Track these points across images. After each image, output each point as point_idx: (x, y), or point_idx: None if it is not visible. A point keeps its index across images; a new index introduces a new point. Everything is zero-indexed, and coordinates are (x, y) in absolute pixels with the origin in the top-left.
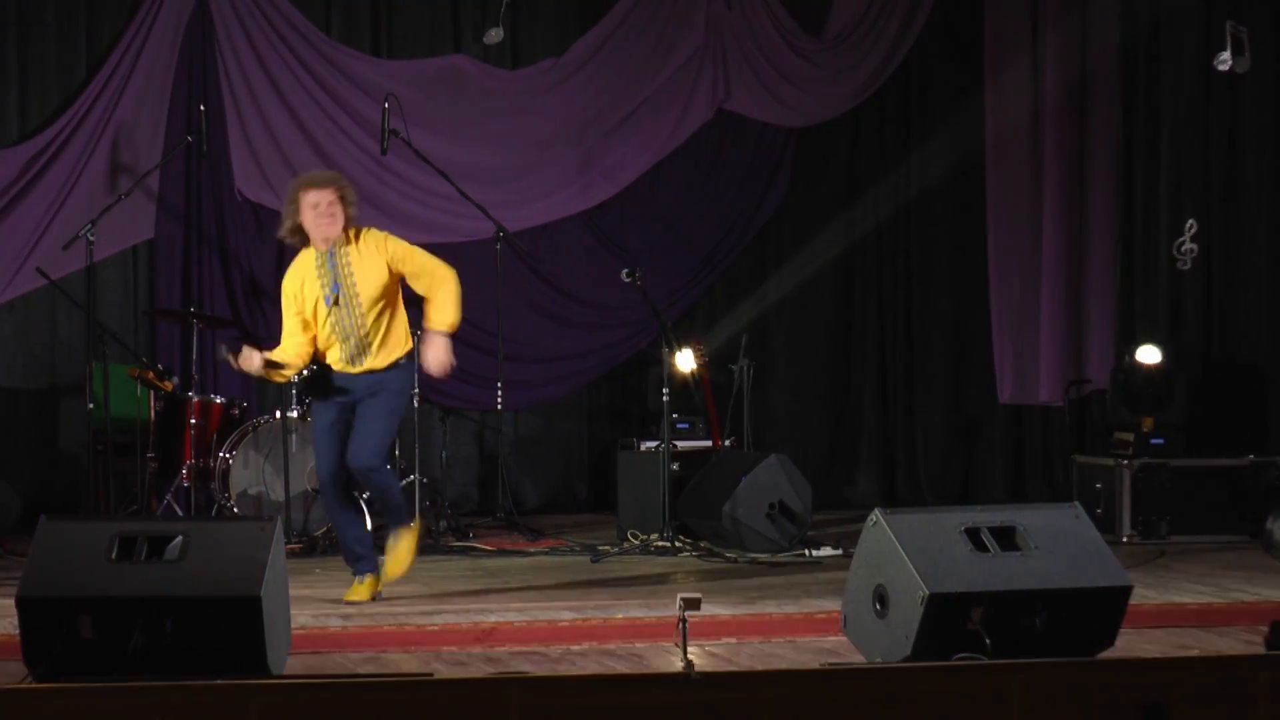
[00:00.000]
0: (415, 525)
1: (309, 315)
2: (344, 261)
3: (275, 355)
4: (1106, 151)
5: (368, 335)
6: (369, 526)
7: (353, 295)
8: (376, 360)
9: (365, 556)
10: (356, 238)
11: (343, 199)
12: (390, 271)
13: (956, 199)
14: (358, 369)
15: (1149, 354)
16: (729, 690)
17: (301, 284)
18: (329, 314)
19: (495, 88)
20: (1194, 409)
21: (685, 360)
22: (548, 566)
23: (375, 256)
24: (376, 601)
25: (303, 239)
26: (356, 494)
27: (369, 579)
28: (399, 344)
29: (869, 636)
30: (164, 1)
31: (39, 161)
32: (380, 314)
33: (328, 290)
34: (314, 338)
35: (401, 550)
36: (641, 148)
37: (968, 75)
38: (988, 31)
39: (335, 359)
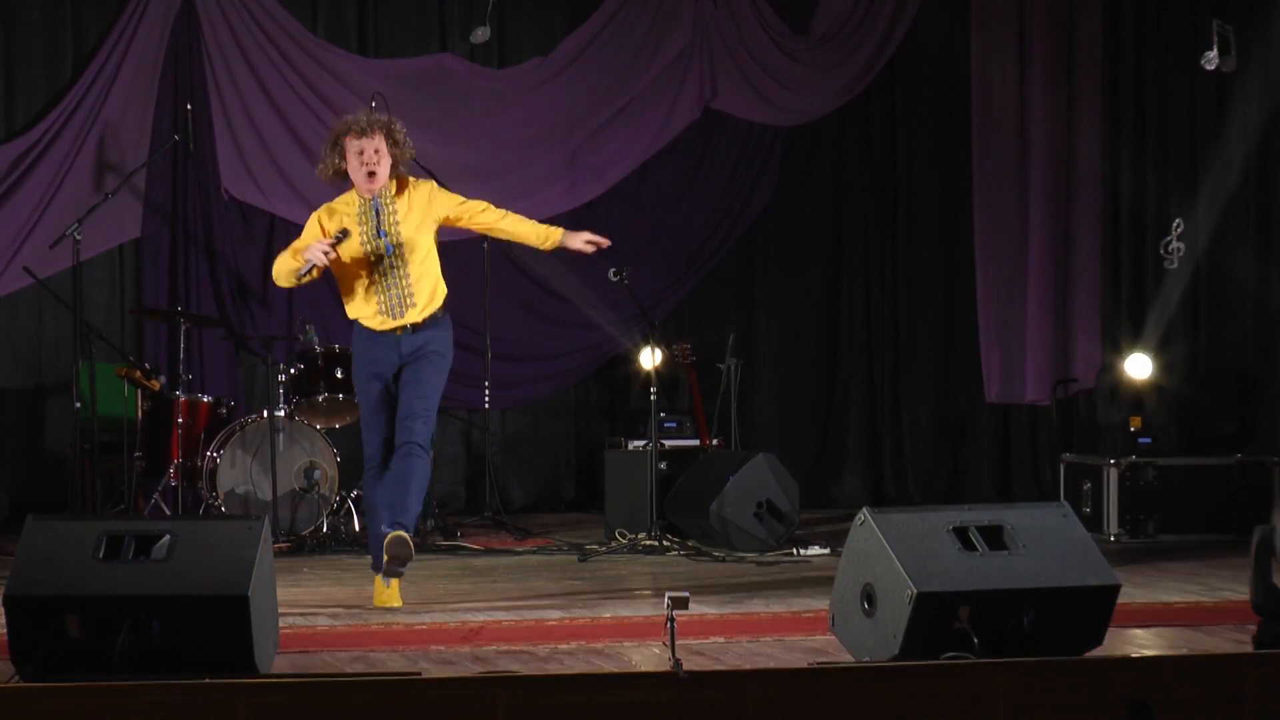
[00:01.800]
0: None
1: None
2: (389, 209)
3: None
4: (1093, 149)
5: (411, 286)
6: None
7: (398, 244)
8: (417, 313)
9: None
10: (405, 185)
11: (393, 144)
12: (436, 223)
13: (943, 198)
14: (396, 322)
15: (1139, 367)
16: (717, 689)
17: (339, 224)
18: (367, 261)
19: (482, 86)
20: (1180, 408)
21: (648, 358)
22: (535, 566)
23: (425, 207)
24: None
25: (345, 182)
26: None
27: (395, 582)
28: (438, 296)
29: (857, 635)
30: (150, 0)
31: (25, 160)
32: (424, 264)
33: (371, 238)
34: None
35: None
36: (628, 147)
37: (954, 74)
38: (974, 30)
39: (372, 312)
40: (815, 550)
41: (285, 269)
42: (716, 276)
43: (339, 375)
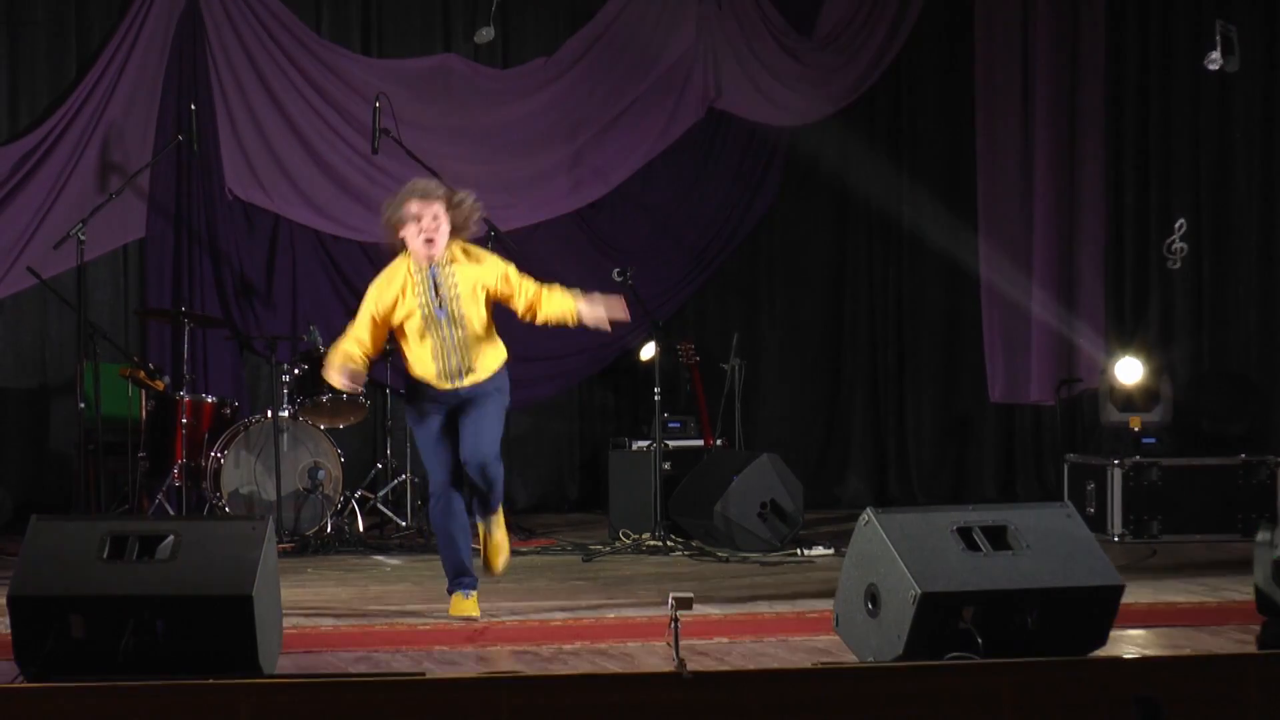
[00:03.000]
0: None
1: (391, 321)
2: (448, 278)
3: (347, 350)
4: (1097, 151)
5: (469, 352)
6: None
7: (457, 314)
8: (474, 376)
9: (472, 571)
10: (464, 255)
11: (451, 211)
12: (500, 296)
13: (947, 198)
14: (453, 385)
15: (1129, 371)
16: (721, 690)
17: (397, 294)
18: (427, 330)
19: (486, 87)
20: (1183, 408)
21: (648, 350)
22: (539, 566)
23: (483, 277)
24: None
25: (402, 246)
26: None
27: (474, 595)
28: (496, 359)
29: (861, 636)
30: (154, 1)
31: (29, 161)
32: (480, 333)
33: (430, 308)
34: (378, 344)
35: (500, 539)
36: (632, 147)
37: (958, 74)
38: (978, 31)
39: (431, 376)
40: (819, 551)
41: (334, 364)
42: (720, 276)
43: None
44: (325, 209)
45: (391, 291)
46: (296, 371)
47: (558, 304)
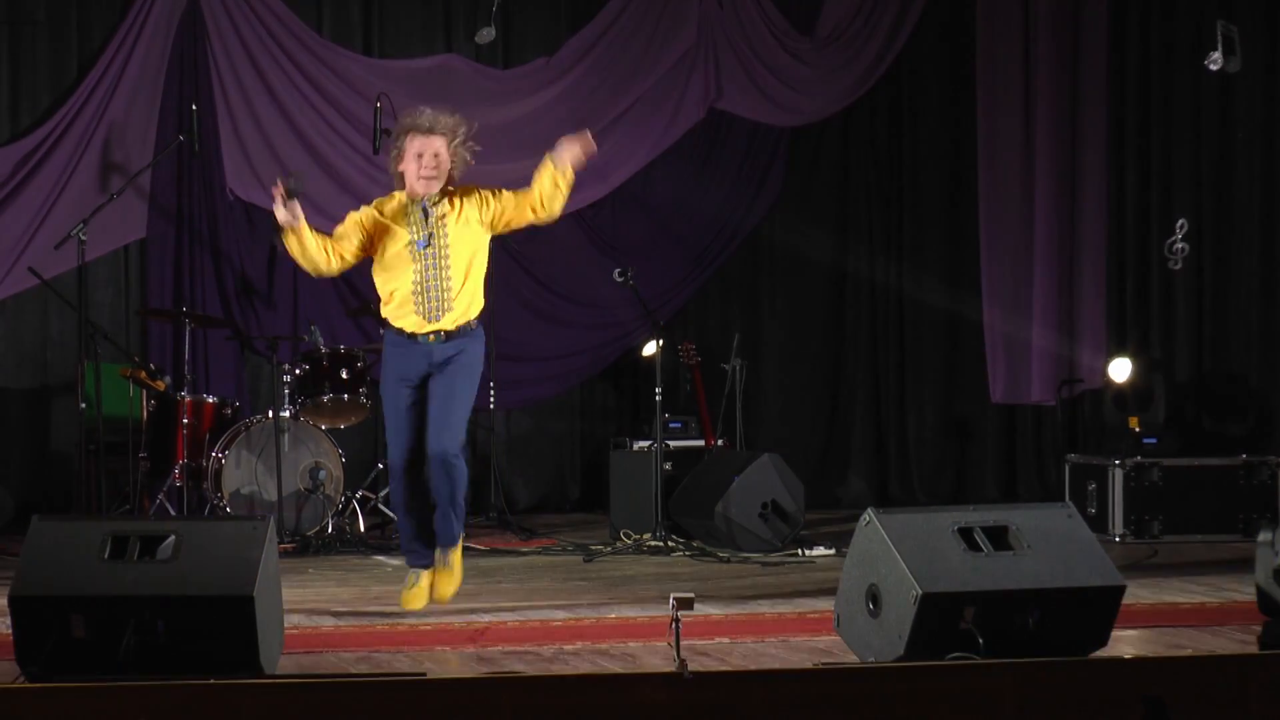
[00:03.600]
0: (460, 543)
1: (372, 241)
2: (439, 215)
3: (309, 232)
4: (1098, 151)
5: (450, 292)
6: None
7: (443, 249)
8: (452, 319)
9: (429, 551)
10: (458, 193)
11: (453, 150)
12: (485, 227)
13: (949, 197)
14: (430, 327)
15: (1119, 370)
16: (722, 690)
17: (390, 216)
18: (410, 260)
19: (487, 87)
20: (1184, 408)
21: (650, 347)
22: (540, 566)
23: (473, 214)
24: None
25: (400, 180)
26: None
27: (425, 575)
28: (474, 305)
29: (862, 636)
30: (155, 0)
31: (30, 161)
32: (467, 271)
33: (418, 239)
34: (347, 256)
35: (455, 566)
36: (634, 147)
37: (960, 73)
38: (979, 30)
39: (408, 313)
40: (820, 551)
41: (291, 251)
42: (722, 276)
43: (344, 376)
44: (326, 209)
45: (387, 210)
46: (298, 371)
47: (541, 180)
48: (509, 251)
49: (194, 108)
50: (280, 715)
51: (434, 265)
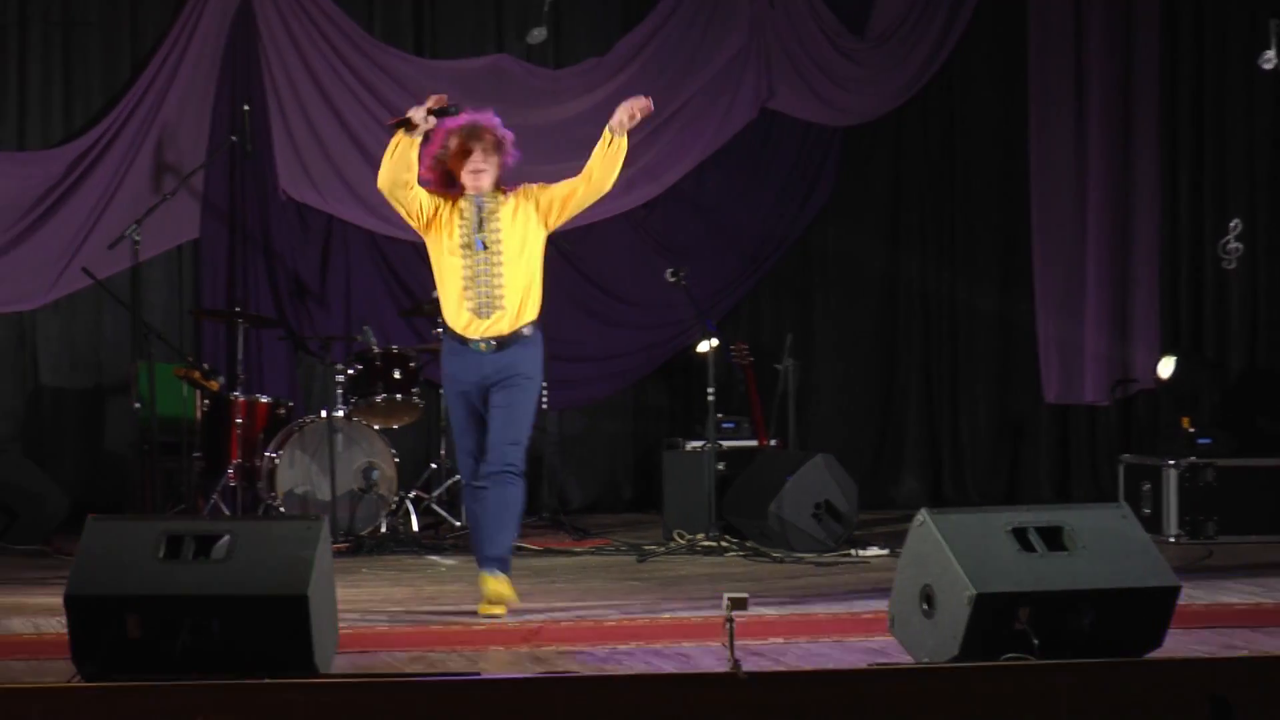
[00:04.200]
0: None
1: (433, 209)
2: (490, 212)
3: (412, 148)
4: (1151, 150)
5: (501, 289)
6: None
7: (495, 247)
8: (504, 323)
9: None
10: (510, 191)
11: (498, 149)
12: (540, 223)
13: (1001, 197)
14: (483, 329)
15: (1164, 368)
16: (776, 690)
17: (449, 204)
18: (464, 259)
19: (538, 87)
20: (1239, 407)
21: (704, 345)
22: (594, 566)
23: (527, 210)
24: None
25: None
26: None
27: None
28: (529, 308)
29: (916, 636)
30: (208, 1)
31: (84, 161)
32: (521, 272)
33: (469, 236)
34: (412, 188)
35: (497, 590)
36: (685, 147)
37: (1011, 73)
38: (1031, 29)
39: (460, 312)
40: (874, 551)
41: (386, 165)
42: (774, 277)
43: (397, 376)
44: (378, 209)
45: (448, 197)
46: (351, 371)
47: (595, 155)
48: (561, 252)
49: (246, 108)
50: (334, 715)
51: (485, 262)
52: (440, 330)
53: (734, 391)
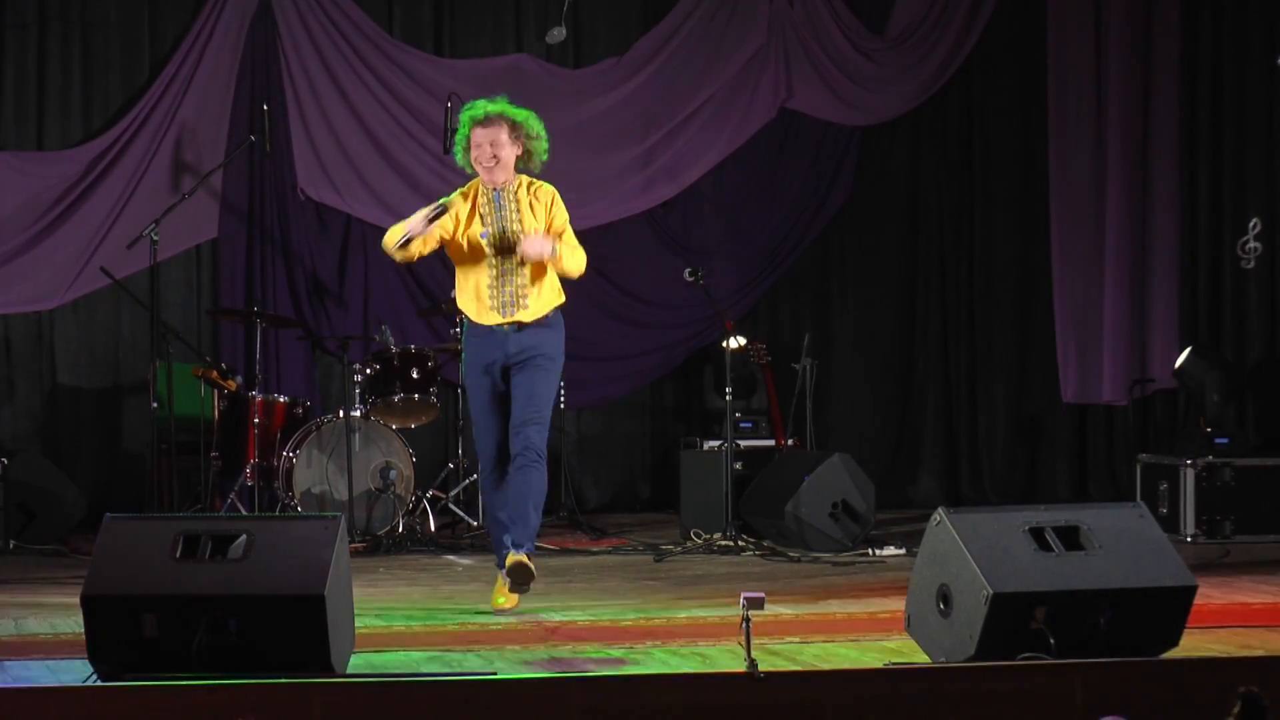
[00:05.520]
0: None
1: (458, 231)
2: (510, 203)
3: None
4: (1170, 149)
5: (526, 285)
6: None
7: (516, 240)
8: (528, 313)
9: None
10: (529, 186)
11: (514, 138)
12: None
13: (1020, 197)
14: (506, 319)
15: (1181, 358)
16: (793, 690)
17: (469, 203)
18: (487, 255)
19: (557, 87)
20: (1258, 407)
21: (734, 341)
22: (611, 565)
23: (541, 210)
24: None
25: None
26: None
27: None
28: (551, 299)
29: (933, 636)
30: (227, 1)
31: (103, 161)
32: (541, 267)
33: (492, 228)
34: (431, 243)
35: (518, 565)
36: (704, 146)
37: (1031, 73)
38: (1051, 28)
39: (483, 307)
40: (891, 551)
41: (390, 239)
42: (792, 276)
43: (415, 375)
44: (397, 208)
45: (467, 198)
46: (369, 371)
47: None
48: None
49: (265, 108)
50: (351, 714)
51: (508, 258)
52: (458, 330)
53: (752, 391)
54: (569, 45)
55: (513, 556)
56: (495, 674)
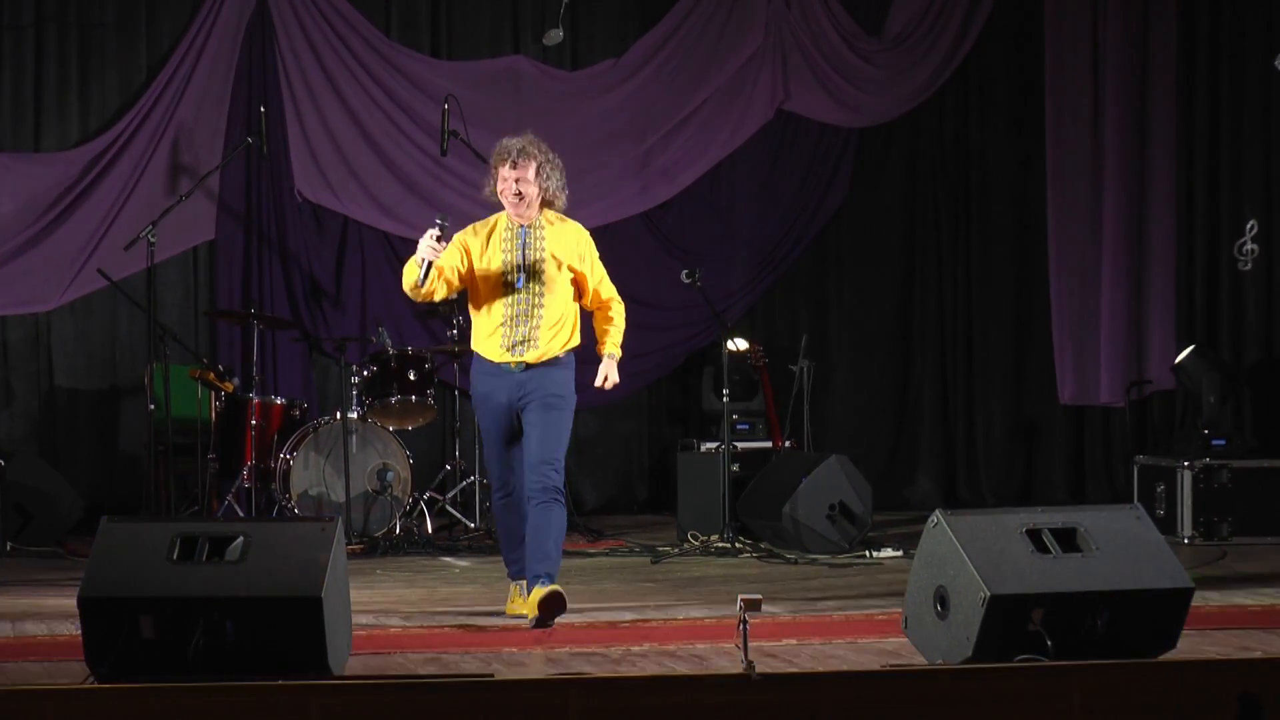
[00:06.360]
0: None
1: (473, 261)
2: (536, 241)
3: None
4: (1167, 151)
5: (539, 325)
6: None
7: (538, 277)
8: (536, 352)
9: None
10: (563, 228)
11: (540, 176)
12: (574, 271)
13: (1017, 199)
14: (516, 359)
15: (1181, 355)
16: (790, 692)
17: (486, 238)
18: (502, 288)
19: (554, 88)
20: (1255, 409)
21: (736, 343)
22: (608, 567)
23: (570, 249)
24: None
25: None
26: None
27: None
28: (561, 342)
29: (930, 638)
30: (224, 2)
31: (100, 163)
32: (559, 304)
33: (511, 265)
34: (453, 280)
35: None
36: (701, 148)
37: (1028, 74)
38: (1048, 31)
39: (495, 344)
40: (888, 552)
41: (408, 278)
42: (789, 278)
43: (412, 377)
44: (394, 210)
45: (484, 232)
46: (366, 373)
47: (601, 332)
48: None
49: (262, 110)
50: (348, 716)
51: (527, 296)
52: (455, 332)
53: (749, 393)
54: (566, 47)
55: (543, 591)
56: (492, 676)
